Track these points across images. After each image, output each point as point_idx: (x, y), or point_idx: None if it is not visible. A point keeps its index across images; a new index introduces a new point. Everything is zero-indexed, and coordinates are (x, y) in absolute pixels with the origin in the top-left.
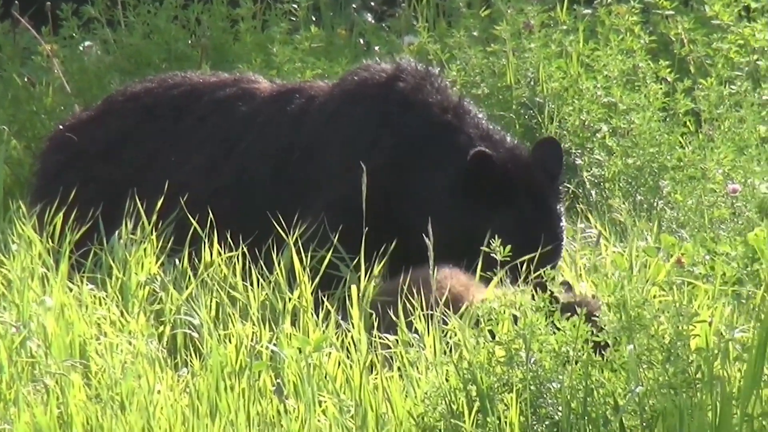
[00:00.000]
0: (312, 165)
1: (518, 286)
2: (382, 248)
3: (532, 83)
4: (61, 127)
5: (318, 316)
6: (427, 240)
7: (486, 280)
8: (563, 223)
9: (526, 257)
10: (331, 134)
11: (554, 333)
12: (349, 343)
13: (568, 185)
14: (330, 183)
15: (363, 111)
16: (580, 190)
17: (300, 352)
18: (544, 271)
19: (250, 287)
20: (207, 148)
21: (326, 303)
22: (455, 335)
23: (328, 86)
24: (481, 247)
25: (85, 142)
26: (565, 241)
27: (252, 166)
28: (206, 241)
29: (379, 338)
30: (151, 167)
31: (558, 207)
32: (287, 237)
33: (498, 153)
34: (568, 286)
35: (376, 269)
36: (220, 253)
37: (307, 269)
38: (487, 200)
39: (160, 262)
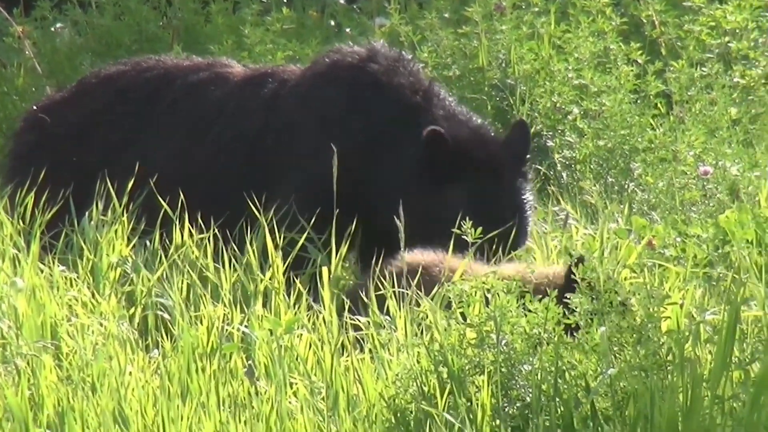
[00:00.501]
0: (285, 148)
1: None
2: (352, 230)
3: (503, 65)
4: (34, 107)
5: (289, 298)
6: (397, 221)
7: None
8: (527, 200)
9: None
10: (303, 116)
11: (525, 315)
12: (320, 324)
13: (539, 167)
14: (301, 165)
15: (334, 93)
16: (552, 172)
17: (271, 333)
18: (515, 254)
19: (221, 268)
20: (180, 131)
21: (298, 284)
22: (427, 317)
23: (300, 70)
24: (443, 223)
25: (57, 124)
26: (530, 218)
27: (225, 150)
28: (177, 222)
29: (351, 320)
30: (123, 150)
31: (521, 184)
32: (261, 218)
33: (460, 132)
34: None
35: (346, 251)
36: (191, 235)
37: (280, 251)
38: (442, 176)
39: (132, 244)
